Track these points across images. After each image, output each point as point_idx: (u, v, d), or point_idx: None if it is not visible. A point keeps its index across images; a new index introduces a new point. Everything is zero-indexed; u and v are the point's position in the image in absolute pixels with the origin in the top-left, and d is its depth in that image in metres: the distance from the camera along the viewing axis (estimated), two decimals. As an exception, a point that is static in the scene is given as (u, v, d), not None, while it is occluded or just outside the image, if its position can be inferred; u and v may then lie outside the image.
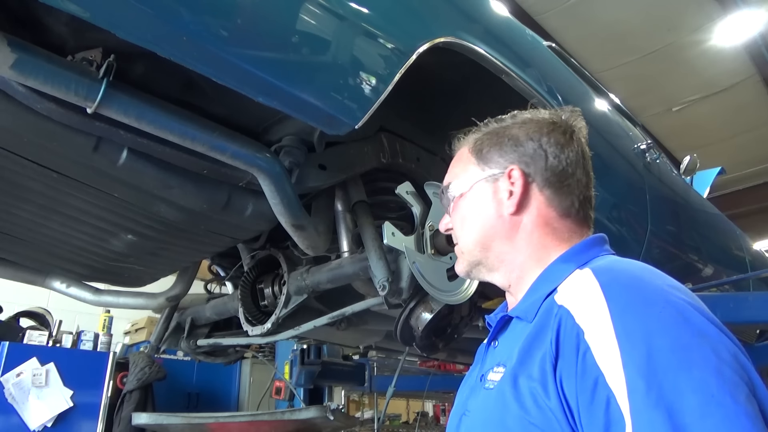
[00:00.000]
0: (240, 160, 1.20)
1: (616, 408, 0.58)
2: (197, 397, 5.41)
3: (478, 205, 0.87)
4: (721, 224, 3.31)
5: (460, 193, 0.89)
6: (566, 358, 0.64)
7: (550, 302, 0.73)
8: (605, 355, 0.61)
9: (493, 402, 0.71)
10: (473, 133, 0.92)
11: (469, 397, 0.82)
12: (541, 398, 0.65)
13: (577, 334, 0.64)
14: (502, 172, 0.85)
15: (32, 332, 4.25)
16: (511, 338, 0.80)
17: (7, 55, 0.89)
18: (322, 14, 1.02)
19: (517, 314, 0.79)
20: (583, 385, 0.61)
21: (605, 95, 2.59)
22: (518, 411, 0.66)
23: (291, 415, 3.17)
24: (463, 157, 0.91)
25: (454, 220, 0.91)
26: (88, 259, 1.77)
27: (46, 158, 1.23)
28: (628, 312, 0.63)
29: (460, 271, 0.91)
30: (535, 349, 0.69)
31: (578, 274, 0.74)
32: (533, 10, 5.41)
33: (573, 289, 0.71)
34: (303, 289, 1.74)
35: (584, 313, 0.66)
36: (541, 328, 0.71)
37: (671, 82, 6.47)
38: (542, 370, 0.66)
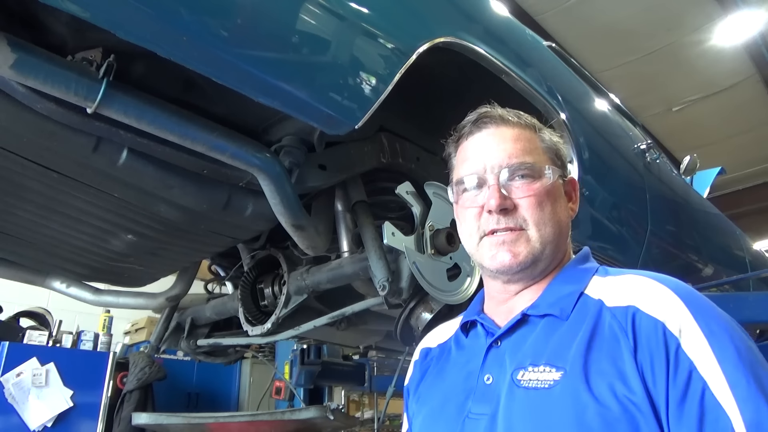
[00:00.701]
0: (240, 160, 1.20)
1: (711, 398, 0.62)
2: (197, 397, 5.41)
3: (559, 197, 0.87)
4: (721, 224, 3.31)
5: (551, 179, 0.85)
6: (649, 349, 0.67)
7: (586, 301, 0.77)
8: (696, 348, 0.65)
9: (557, 400, 0.69)
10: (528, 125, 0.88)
11: (477, 400, 0.79)
12: (622, 392, 0.65)
13: (663, 328, 0.68)
14: (567, 176, 0.90)
15: (32, 332, 4.26)
16: (531, 336, 0.78)
17: (7, 55, 0.89)
18: (322, 14, 1.02)
19: (549, 311, 0.79)
20: (676, 375, 0.65)
21: (605, 95, 2.59)
22: (597, 407, 0.66)
23: (291, 415, 3.17)
24: (539, 148, 0.87)
25: (530, 203, 0.82)
26: (88, 259, 1.77)
27: (46, 158, 1.23)
28: (706, 313, 0.69)
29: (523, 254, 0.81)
30: (600, 345, 0.70)
31: (626, 279, 0.78)
32: (533, 10, 5.41)
33: (633, 291, 0.74)
34: (303, 289, 1.74)
35: (661, 311, 0.69)
36: (597, 324, 0.73)
37: (671, 82, 6.48)
38: (617, 364, 0.67)
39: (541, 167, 0.84)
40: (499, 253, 0.81)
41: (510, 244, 0.81)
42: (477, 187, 0.85)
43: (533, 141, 0.87)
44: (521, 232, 0.82)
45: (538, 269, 0.83)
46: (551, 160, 0.86)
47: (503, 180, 0.83)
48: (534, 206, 0.82)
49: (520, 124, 0.87)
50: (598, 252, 1.84)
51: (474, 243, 0.86)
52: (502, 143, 0.85)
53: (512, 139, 0.85)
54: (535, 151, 0.85)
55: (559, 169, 0.87)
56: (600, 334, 0.71)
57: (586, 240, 1.78)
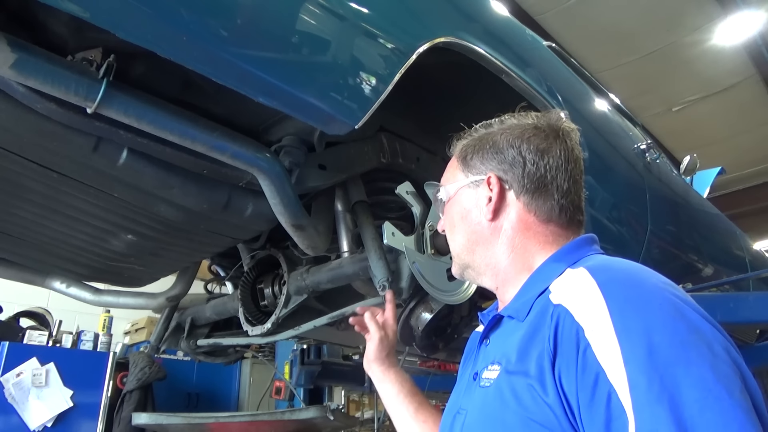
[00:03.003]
0: (240, 160, 1.20)
1: (617, 403, 0.59)
2: (197, 397, 5.41)
3: (462, 210, 0.91)
4: (721, 224, 3.31)
5: (447, 198, 0.94)
6: (565, 354, 0.65)
7: (544, 301, 0.74)
8: (605, 352, 0.62)
9: (491, 400, 0.73)
10: (463, 138, 0.95)
11: (463, 396, 0.84)
12: (539, 394, 0.66)
13: (577, 331, 0.65)
14: (482, 179, 0.88)
15: (32, 332, 4.25)
16: (503, 337, 0.81)
17: (7, 55, 0.89)
18: (322, 14, 1.02)
19: (508, 313, 0.81)
20: (584, 381, 0.62)
21: (605, 95, 2.59)
22: (517, 407, 0.67)
23: (291, 415, 3.17)
24: (453, 162, 0.95)
25: (445, 224, 0.96)
26: (88, 259, 1.77)
27: (46, 158, 1.23)
28: (626, 309, 0.64)
29: (454, 272, 0.95)
30: (532, 347, 0.70)
31: (572, 273, 0.74)
32: (533, 10, 5.41)
33: (569, 288, 0.72)
34: (303, 289, 1.74)
35: (582, 311, 0.67)
36: (537, 326, 0.72)
37: (671, 82, 6.47)
38: (539, 367, 0.67)
39: (446, 188, 0.94)
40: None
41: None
42: None
43: (452, 161, 0.96)
44: (451, 250, 0.95)
45: (472, 276, 0.92)
46: (460, 171, 0.92)
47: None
48: (447, 226, 0.95)
49: (456, 145, 0.95)
50: (598, 252, 1.84)
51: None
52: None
53: (447, 165, 0.98)
54: (449, 170, 0.96)
55: (468, 176, 0.90)
56: (536, 333, 0.71)
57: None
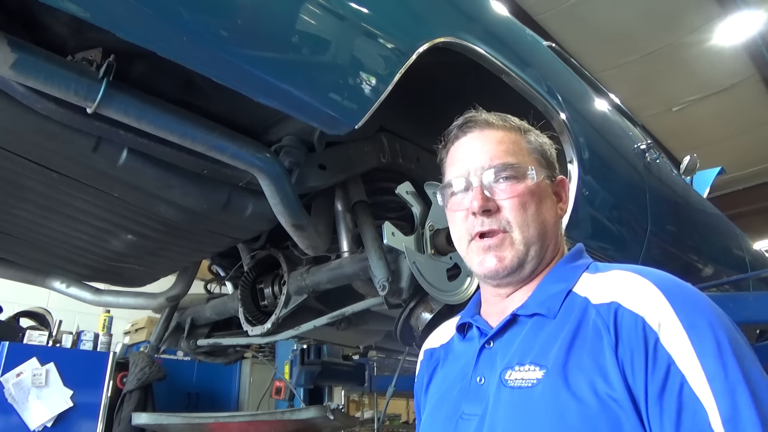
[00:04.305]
0: (240, 160, 1.20)
1: (689, 392, 0.62)
2: (197, 397, 5.41)
3: (545, 197, 0.86)
4: (721, 224, 3.31)
5: (534, 181, 0.85)
6: (630, 347, 0.67)
7: (574, 300, 0.77)
8: (676, 344, 0.65)
9: (539, 399, 0.70)
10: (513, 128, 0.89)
11: (468, 400, 0.80)
12: (602, 389, 0.66)
13: (643, 326, 0.67)
14: (555, 176, 0.90)
15: (32, 332, 4.26)
16: (525, 335, 0.79)
17: (7, 55, 0.89)
18: (322, 14, 1.02)
19: (536, 311, 0.79)
20: (655, 372, 0.64)
21: (605, 95, 2.59)
22: (577, 405, 0.66)
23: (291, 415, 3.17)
24: (524, 150, 0.87)
25: (512, 204, 0.83)
26: (88, 259, 1.77)
27: (46, 158, 1.23)
28: (687, 306, 0.69)
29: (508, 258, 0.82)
30: (585, 343, 0.70)
31: (616, 275, 0.77)
32: (533, 10, 5.41)
33: (617, 288, 0.74)
34: (303, 289, 1.74)
35: (646, 307, 0.69)
36: (582, 323, 0.73)
37: (671, 82, 6.47)
38: (598, 361, 0.68)
39: (525, 168, 0.84)
40: (486, 258, 0.82)
41: (495, 248, 0.82)
42: (463, 191, 0.86)
43: (518, 143, 0.87)
44: (505, 235, 0.82)
45: (525, 271, 0.84)
46: (537, 161, 0.87)
47: (487, 182, 0.84)
48: (517, 208, 0.82)
49: (505, 127, 0.88)
50: (597, 252, 1.84)
51: (464, 247, 0.87)
52: (485, 146, 0.86)
53: (496, 141, 0.86)
54: (520, 153, 0.86)
55: (546, 169, 0.88)
56: (583, 332, 0.72)
57: (586, 240, 1.77)
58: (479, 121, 0.89)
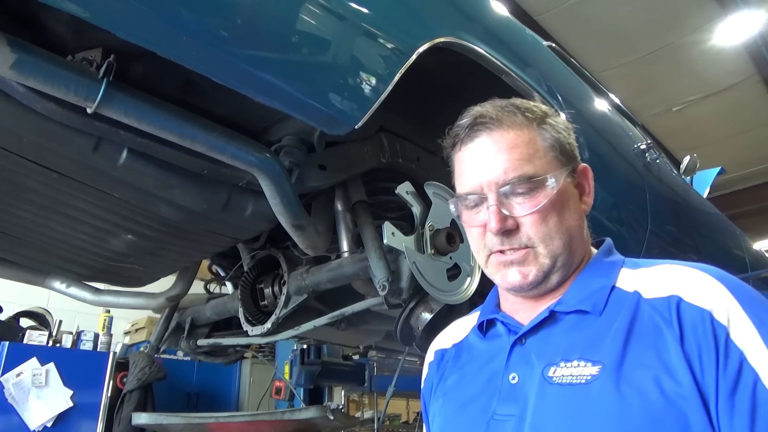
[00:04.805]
0: (240, 160, 1.20)
1: (763, 389, 0.60)
2: (197, 397, 5.41)
3: (568, 201, 0.79)
4: (721, 224, 3.31)
5: (555, 187, 0.76)
6: (696, 339, 0.64)
7: (621, 295, 0.74)
8: (745, 338, 0.63)
9: (597, 396, 0.65)
10: (526, 122, 0.80)
11: (497, 400, 0.75)
12: (669, 385, 0.63)
13: (710, 317, 0.65)
14: (576, 167, 0.82)
15: (32, 332, 4.26)
16: (559, 332, 0.75)
17: (7, 55, 0.89)
18: (322, 14, 1.02)
19: (579, 307, 0.75)
20: (726, 366, 0.62)
21: (605, 95, 2.59)
22: (641, 402, 0.63)
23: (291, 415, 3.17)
24: (540, 151, 0.78)
25: (533, 220, 0.76)
26: (88, 259, 1.77)
27: (46, 158, 1.23)
28: (753, 301, 0.67)
29: (533, 274, 0.77)
30: (641, 337, 0.67)
31: (668, 269, 0.74)
32: (533, 10, 5.41)
33: (673, 281, 0.71)
34: (303, 289, 1.74)
35: (708, 300, 0.66)
36: (636, 316, 0.69)
37: (671, 82, 6.48)
38: (661, 357, 0.65)
39: (543, 177, 0.76)
40: (508, 273, 0.77)
41: (518, 264, 0.77)
42: (477, 205, 0.79)
43: (533, 143, 0.78)
44: (528, 251, 0.76)
45: (552, 281, 0.78)
46: (555, 160, 0.79)
47: (503, 197, 0.77)
48: (538, 223, 0.75)
49: (517, 124, 0.79)
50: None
51: (482, 260, 0.81)
52: (497, 154, 0.78)
53: (508, 147, 0.78)
54: (536, 156, 0.77)
55: (566, 165, 0.79)
56: (639, 327, 0.68)
57: (586, 240, 1.77)
58: (487, 121, 0.80)
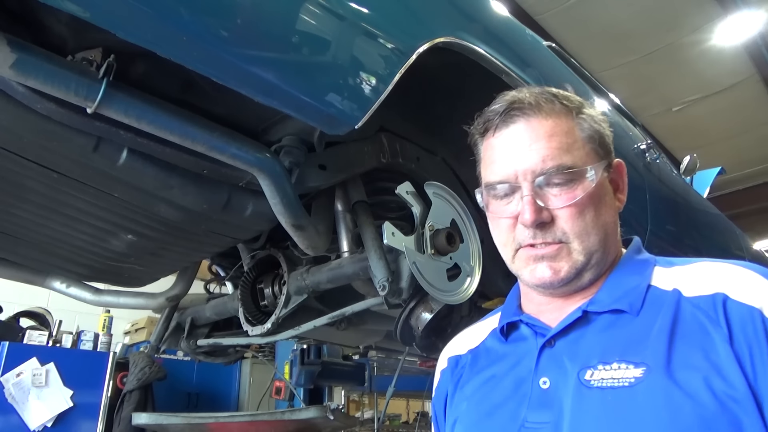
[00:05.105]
0: (240, 160, 1.20)
1: None
2: (197, 397, 5.41)
3: (604, 197, 0.75)
4: (721, 224, 3.31)
5: (594, 181, 0.73)
6: (746, 338, 0.62)
7: (656, 293, 0.71)
8: None
9: (644, 399, 0.63)
10: (565, 111, 0.76)
11: (528, 407, 0.71)
12: (721, 387, 0.60)
13: (760, 315, 0.63)
14: (611, 161, 0.79)
15: (32, 332, 4.26)
16: (592, 333, 0.72)
17: (7, 55, 0.89)
18: (322, 14, 1.02)
19: (615, 307, 0.71)
20: None
21: (605, 95, 2.59)
22: (693, 405, 0.60)
23: (291, 415, 3.17)
24: (578, 141, 0.75)
25: (569, 214, 0.72)
26: (88, 259, 1.77)
27: (46, 158, 1.23)
28: None
29: (565, 270, 0.72)
30: (686, 337, 0.65)
31: (709, 266, 0.72)
32: (533, 10, 5.41)
33: (717, 278, 0.68)
34: (303, 289, 1.74)
35: (756, 297, 0.64)
36: (678, 315, 0.67)
37: (671, 82, 6.47)
38: (710, 357, 0.62)
39: (583, 169, 0.72)
40: (538, 269, 0.73)
41: (550, 259, 0.72)
42: (508, 195, 0.75)
43: (572, 133, 0.74)
44: (562, 246, 0.72)
45: (584, 279, 0.74)
46: (594, 152, 0.75)
47: (538, 186, 0.72)
48: (575, 217, 0.71)
49: (555, 112, 0.75)
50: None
51: (509, 255, 0.77)
52: (534, 142, 0.73)
53: (546, 135, 0.73)
54: (574, 147, 0.73)
55: (604, 159, 0.76)
56: (683, 326, 0.65)
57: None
58: (525, 106, 0.75)
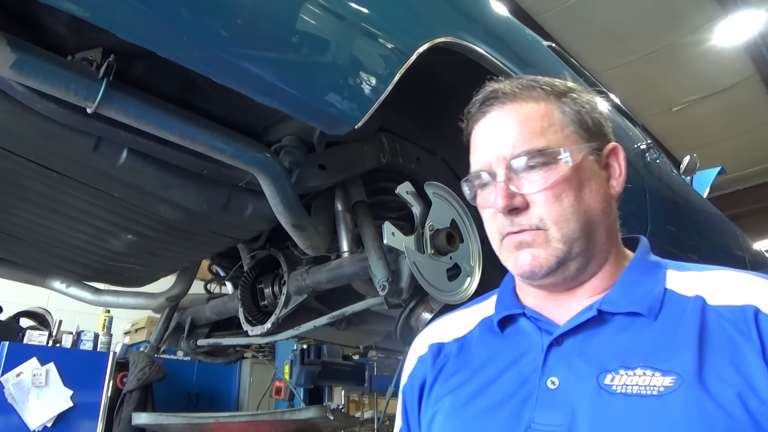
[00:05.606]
0: (240, 160, 1.20)
1: None
2: (197, 397, 5.42)
3: (588, 180, 0.72)
4: (721, 224, 3.31)
5: (570, 163, 0.70)
6: None
7: (674, 298, 0.69)
8: None
9: (677, 410, 0.60)
10: (544, 96, 0.75)
11: (535, 407, 0.68)
12: (754, 404, 0.58)
13: None
14: (603, 145, 0.76)
15: (32, 332, 4.26)
16: (607, 334, 0.69)
17: (7, 55, 0.89)
18: (322, 14, 1.02)
19: (633, 309, 0.69)
20: None
21: (605, 95, 2.59)
22: (728, 421, 0.58)
23: (291, 415, 3.17)
24: (556, 124, 0.73)
25: (544, 198, 0.70)
26: (88, 259, 1.77)
27: (46, 158, 1.23)
28: None
29: (543, 257, 0.70)
30: (716, 348, 0.62)
31: (734, 276, 0.70)
32: (533, 10, 5.41)
33: (746, 289, 0.67)
34: (303, 289, 1.74)
35: None
36: (705, 324, 0.64)
37: (671, 82, 6.47)
38: (741, 371, 0.60)
39: (555, 150, 0.70)
40: (520, 256, 0.71)
41: (528, 245, 0.71)
42: (489, 185, 0.74)
43: (549, 116, 0.73)
44: (539, 232, 0.70)
45: (570, 269, 0.72)
46: (575, 134, 0.73)
47: (513, 173, 0.71)
48: (550, 201, 0.69)
49: (534, 98, 0.74)
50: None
51: (497, 247, 0.76)
52: (508, 128, 0.72)
53: (520, 121, 0.72)
54: (550, 130, 0.71)
55: (589, 141, 0.73)
56: (710, 336, 0.63)
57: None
58: (500, 95, 0.75)
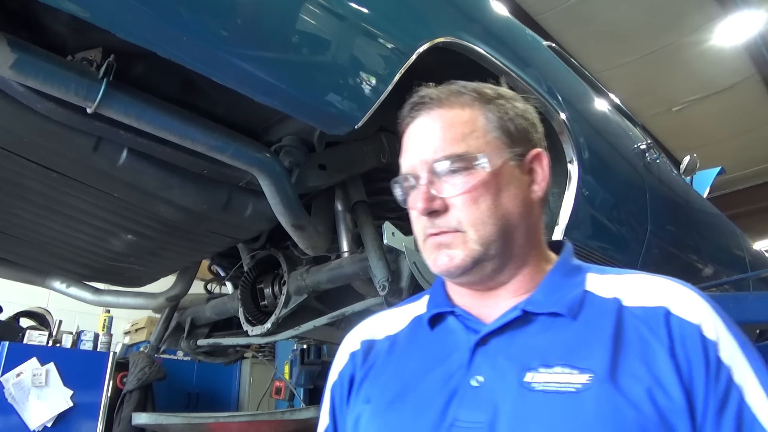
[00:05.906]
0: (240, 160, 1.20)
1: (747, 408, 0.61)
2: (197, 397, 5.41)
3: (507, 185, 0.74)
4: (721, 224, 3.31)
5: (487, 168, 0.73)
6: (685, 354, 0.63)
7: (592, 299, 0.72)
8: (731, 356, 0.64)
9: (590, 406, 0.62)
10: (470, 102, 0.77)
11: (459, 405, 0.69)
12: (662, 400, 0.61)
13: (700, 333, 0.64)
14: (527, 151, 0.78)
15: (32, 332, 4.25)
16: (529, 334, 0.71)
17: (7, 55, 0.89)
18: (322, 14, 1.02)
19: (554, 309, 0.71)
20: (717, 383, 0.62)
21: (605, 95, 2.59)
22: (637, 415, 0.60)
23: (291, 415, 3.17)
24: (479, 130, 0.75)
25: (462, 202, 0.73)
26: (88, 259, 1.77)
27: (46, 158, 1.23)
28: (730, 320, 0.68)
29: (459, 258, 0.73)
30: (629, 347, 0.65)
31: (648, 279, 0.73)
32: (533, 10, 5.41)
33: (658, 292, 0.70)
34: (303, 289, 1.74)
35: (695, 315, 0.66)
36: (620, 325, 0.67)
37: (671, 82, 6.47)
38: (651, 370, 0.63)
39: (472, 156, 0.73)
40: (438, 257, 0.74)
41: (446, 246, 0.74)
42: (415, 187, 0.76)
43: (473, 122, 0.75)
44: (457, 234, 0.73)
45: (487, 269, 0.74)
46: (497, 140, 0.75)
47: (435, 177, 0.74)
48: (468, 205, 0.72)
49: (460, 103, 0.76)
50: (598, 252, 1.84)
51: (421, 245, 0.78)
52: (432, 134, 0.75)
53: (444, 126, 0.75)
54: (473, 136, 0.74)
55: (512, 147, 0.76)
56: (625, 336, 0.66)
57: (586, 240, 1.78)
58: (428, 100, 0.78)
